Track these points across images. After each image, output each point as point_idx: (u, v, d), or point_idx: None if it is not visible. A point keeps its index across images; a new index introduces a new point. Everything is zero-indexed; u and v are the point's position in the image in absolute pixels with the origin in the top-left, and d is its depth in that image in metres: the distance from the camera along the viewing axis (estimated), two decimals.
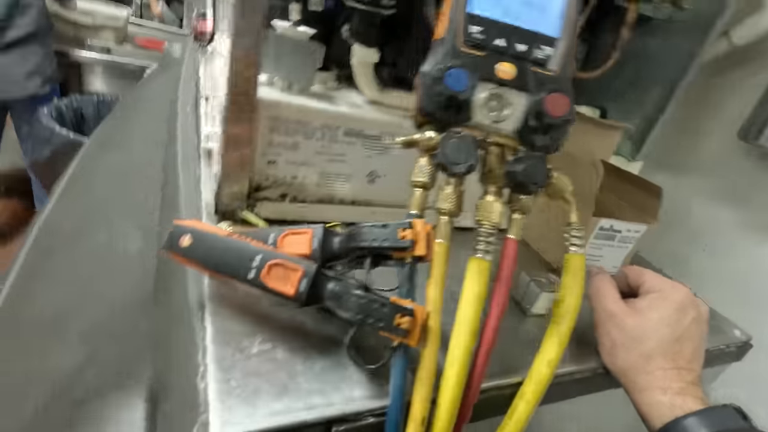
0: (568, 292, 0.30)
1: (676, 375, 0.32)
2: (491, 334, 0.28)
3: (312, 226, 0.29)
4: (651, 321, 0.33)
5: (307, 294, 0.26)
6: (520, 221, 0.29)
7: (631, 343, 0.33)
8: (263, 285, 0.26)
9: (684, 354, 0.32)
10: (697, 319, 0.33)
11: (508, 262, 0.28)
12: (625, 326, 0.33)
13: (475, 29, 0.27)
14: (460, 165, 0.25)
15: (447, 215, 0.28)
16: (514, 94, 0.27)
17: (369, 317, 0.24)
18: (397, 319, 0.24)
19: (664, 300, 0.34)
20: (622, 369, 0.34)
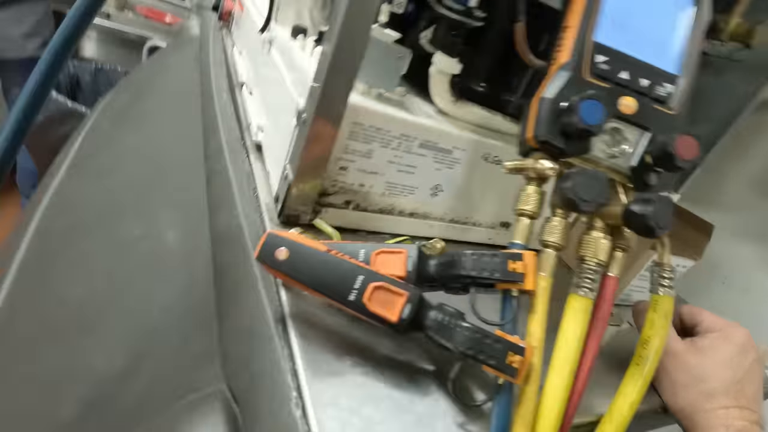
0: (654, 333, 0.30)
1: (738, 413, 0.32)
2: (585, 378, 0.27)
3: (405, 246, 0.27)
4: (713, 361, 0.33)
5: (410, 321, 0.24)
6: (621, 259, 0.28)
7: (693, 381, 0.33)
8: (364, 309, 0.24)
9: (746, 394, 0.33)
10: (757, 360, 0.34)
11: (608, 302, 0.27)
12: (686, 365, 0.34)
13: (602, 59, 0.26)
14: (590, 203, 0.23)
15: (553, 248, 0.27)
16: (634, 131, 0.27)
17: (481, 353, 0.23)
18: (510, 357, 0.23)
19: (726, 340, 0.34)
20: (682, 408, 0.34)
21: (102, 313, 0.39)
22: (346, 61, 0.29)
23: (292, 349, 0.25)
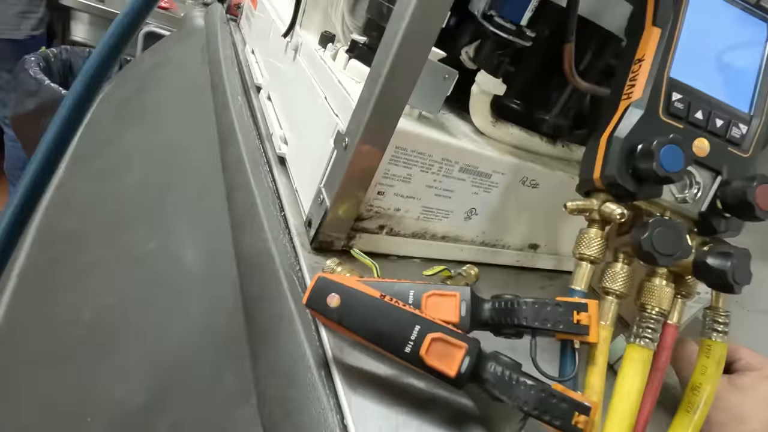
0: (706, 380, 0.29)
1: None
2: (642, 429, 0.26)
3: (458, 289, 0.26)
4: (753, 400, 0.32)
5: (469, 375, 0.23)
6: (682, 306, 0.27)
7: (733, 421, 0.32)
8: (422, 362, 0.22)
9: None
10: None
11: (667, 351, 0.26)
12: (726, 404, 0.33)
13: (678, 97, 0.24)
14: (667, 257, 0.22)
15: (615, 296, 0.25)
16: (706, 174, 0.25)
17: (545, 413, 0.22)
18: (576, 416, 0.22)
19: (767, 379, 0.33)
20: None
21: (116, 335, 0.36)
22: (400, 86, 0.26)
23: (339, 399, 0.23)
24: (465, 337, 0.23)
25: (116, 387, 0.32)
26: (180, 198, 0.47)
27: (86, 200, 0.58)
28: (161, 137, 0.60)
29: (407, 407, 0.24)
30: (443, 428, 0.24)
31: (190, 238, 0.41)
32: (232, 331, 0.31)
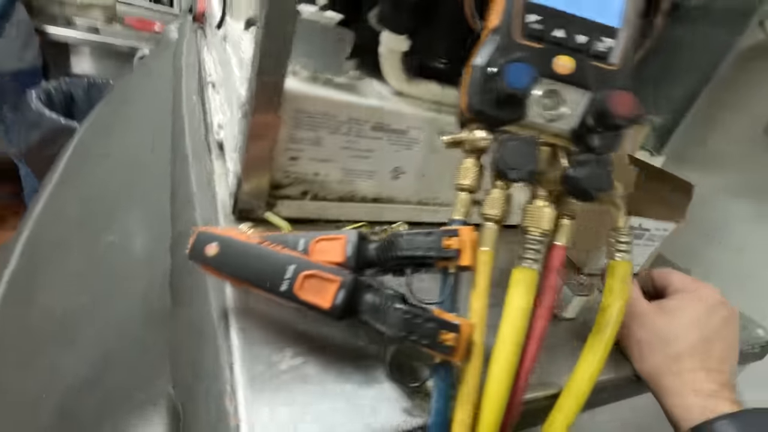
0: (613, 300, 0.29)
1: (705, 376, 0.31)
2: (534, 351, 0.26)
3: (345, 232, 0.27)
4: (680, 321, 0.32)
5: (344, 307, 0.24)
6: (569, 227, 0.27)
7: (659, 343, 0.32)
8: (296, 298, 0.24)
9: (713, 355, 0.31)
10: (727, 318, 0.33)
11: (554, 272, 0.26)
12: (653, 326, 0.33)
13: (534, 18, 0.25)
14: (519, 170, 0.22)
15: (493, 221, 0.26)
16: (573, 91, 0.25)
17: (412, 333, 0.23)
18: (443, 335, 0.23)
19: (694, 300, 0.33)
20: (650, 371, 0.33)
21: (80, 325, 0.39)
22: (274, 46, 0.28)
23: (231, 344, 0.25)
24: (340, 271, 0.24)
25: (71, 368, 0.35)
26: (134, 196, 0.50)
27: (65, 211, 0.62)
28: (126, 145, 0.64)
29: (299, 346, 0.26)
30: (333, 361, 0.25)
31: (139, 229, 0.44)
32: (161, 306, 0.33)
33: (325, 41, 0.33)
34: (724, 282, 0.59)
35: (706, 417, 0.28)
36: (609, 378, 0.33)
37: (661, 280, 0.36)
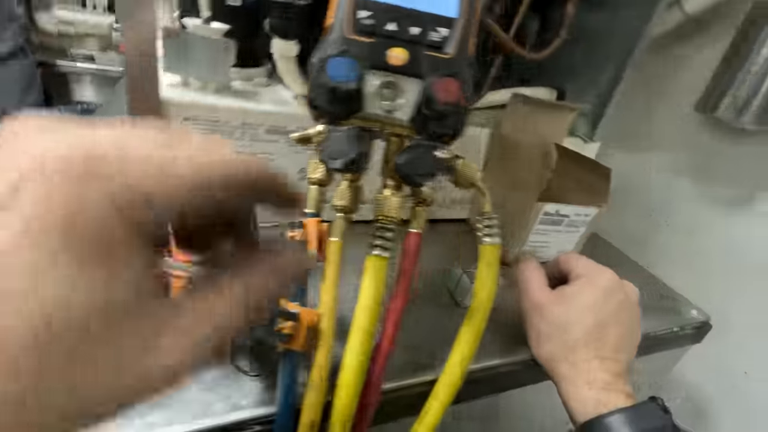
0: (480, 285, 0.29)
1: (599, 365, 0.30)
2: (391, 334, 0.26)
3: None
4: (575, 308, 0.32)
5: None
6: (423, 213, 0.27)
7: (556, 331, 0.32)
8: None
9: (608, 342, 0.31)
10: (623, 303, 0.32)
11: (409, 258, 0.27)
12: (550, 315, 0.32)
13: (364, 14, 0.25)
14: (339, 160, 0.23)
15: (342, 212, 0.26)
16: (408, 81, 0.26)
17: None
18: (280, 323, 0.23)
19: (589, 285, 0.33)
20: (548, 360, 0.32)
21: None
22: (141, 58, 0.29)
23: None
24: (190, 267, 0.25)
25: None
26: None
27: None
28: None
29: None
30: None
31: None
32: None
33: (209, 52, 0.35)
34: (674, 264, 0.59)
35: (599, 412, 0.28)
36: (501, 363, 0.33)
37: (565, 266, 0.36)
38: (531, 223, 0.43)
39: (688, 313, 0.46)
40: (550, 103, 0.52)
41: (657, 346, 0.44)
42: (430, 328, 0.34)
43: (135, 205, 0.10)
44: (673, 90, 0.57)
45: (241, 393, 0.25)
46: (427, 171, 0.24)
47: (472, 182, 0.29)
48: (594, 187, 0.46)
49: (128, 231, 0.10)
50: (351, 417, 0.25)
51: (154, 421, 0.23)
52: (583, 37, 0.54)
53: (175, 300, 0.12)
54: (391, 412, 0.29)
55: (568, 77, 0.56)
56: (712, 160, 0.55)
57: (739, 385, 0.55)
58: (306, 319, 0.24)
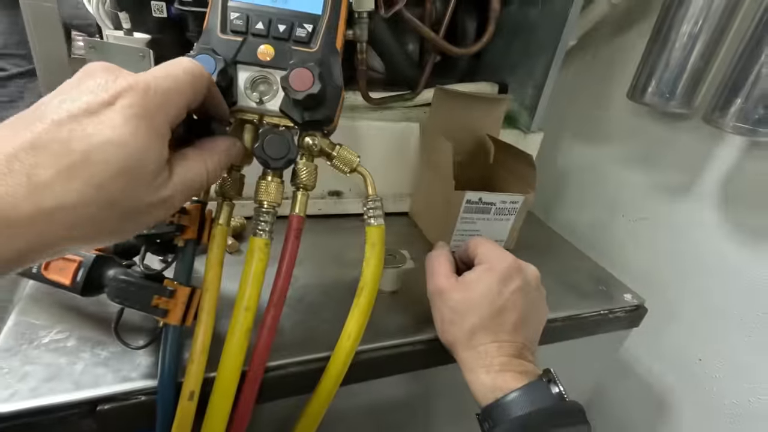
0: (366, 264, 0.30)
1: (496, 349, 0.31)
2: (276, 311, 0.28)
3: None
4: (474, 294, 0.33)
5: (84, 283, 0.27)
6: (302, 198, 0.29)
7: (456, 317, 0.33)
8: (44, 278, 0.27)
9: (505, 325, 0.32)
10: (521, 287, 0.33)
11: (290, 239, 0.29)
12: (451, 302, 0.33)
13: (235, 16, 0.28)
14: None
15: (223, 198, 0.29)
16: (277, 74, 0.28)
17: (127, 300, 0.26)
18: (155, 300, 0.26)
19: (488, 272, 0.33)
20: (451, 345, 0.33)
21: None
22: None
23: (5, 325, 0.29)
24: (83, 253, 0.28)
25: None
26: None
27: None
28: None
29: (71, 320, 0.29)
30: (94, 331, 0.29)
31: None
32: None
33: (130, 59, 0.38)
34: (631, 252, 0.59)
35: (495, 396, 0.29)
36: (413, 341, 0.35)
37: (472, 251, 0.36)
38: (455, 211, 0.44)
39: (621, 297, 0.46)
40: (479, 95, 0.53)
41: (590, 328, 0.44)
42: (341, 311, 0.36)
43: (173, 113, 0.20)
44: (616, 80, 0.58)
45: (131, 366, 0.27)
46: (281, 155, 0.26)
47: (352, 167, 0.30)
48: (525, 175, 0.47)
49: (166, 120, 0.20)
50: (232, 389, 0.27)
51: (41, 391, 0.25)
52: (519, 32, 0.55)
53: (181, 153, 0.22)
54: (288, 388, 0.31)
55: (508, 71, 0.58)
56: (654, 147, 0.55)
57: (695, 372, 0.54)
58: (182, 295, 0.26)
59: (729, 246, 0.49)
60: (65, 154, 0.17)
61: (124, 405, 0.26)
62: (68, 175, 0.17)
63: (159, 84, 0.20)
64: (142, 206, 0.19)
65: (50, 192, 0.16)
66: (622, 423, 0.63)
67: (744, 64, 0.40)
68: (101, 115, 0.18)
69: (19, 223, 0.16)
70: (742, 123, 0.40)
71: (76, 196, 0.17)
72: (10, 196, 0.16)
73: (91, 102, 0.18)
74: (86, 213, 0.17)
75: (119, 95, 0.18)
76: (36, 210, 0.16)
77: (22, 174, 0.16)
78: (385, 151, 0.50)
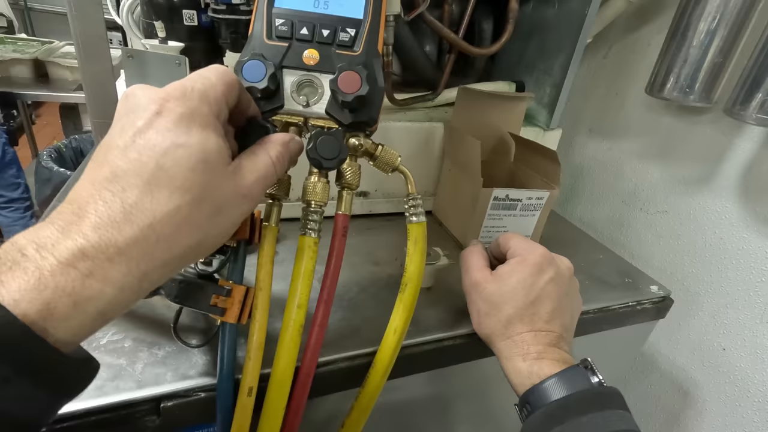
0: (409, 260, 0.31)
1: (532, 338, 0.32)
2: (325, 308, 0.29)
3: None
4: (509, 286, 0.33)
5: None
6: (347, 197, 0.30)
7: (492, 309, 0.34)
8: None
9: (541, 315, 0.32)
10: (555, 278, 0.33)
11: (337, 237, 0.29)
12: (486, 294, 0.34)
13: (280, 22, 0.29)
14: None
15: (273, 199, 0.29)
16: (322, 78, 0.29)
17: (186, 300, 0.26)
18: (213, 299, 0.26)
19: (521, 264, 0.34)
20: (488, 337, 0.34)
21: None
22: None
23: None
24: None
25: None
26: None
27: None
28: None
29: (124, 321, 0.30)
30: (148, 331, 0.29)
31: None
32: None
33: (163, 68, 0.39)
34: (649, 247, 0.59)
35: (533, 382, 0.30)
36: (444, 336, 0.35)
37: (504, 246, 0.37)
38: (482, 208, 0.45)
39: (647, 288, 0.46)
40: (500, 94, 0.54)
41: (619, 319, 0.45)
42: (386, 308, 0.37)
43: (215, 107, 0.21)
44: (632, 75, 0.59)
45: (189, 364, 0.28)
46: (332, 155, 0.27)
47: (394, 166, 0.31)
48: (548, 171, 0.48)
49: (210, 113, 0.21)
50: (287, 384, 0.28)
51: (106, 390, 0.26)
52: (536, 31, 0.56)
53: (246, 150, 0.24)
54: (337, 383, 0.32)
55: (525, 70, 0.59)
56: (671, 141, 0.56)
57: (720, 362, 0.55)
58: (238, 294, 0.27)
59: (750, 236, 0.50)
60: (141, 171, 0.18)
61: (185, 401, 0.27)
62: (150, 188, 0.18)
63: (194, 86, 0.21)
64: (226, 198, 0.21)
65: (141, 209, 0.18)
66: (648, 414, 0.63)
67: (765, 57, 0.40)
68: (156, 125, 0.19)
69: (128, 246, 0.17)
70: (765, 114, 0.41)
71: (165, 204, 0.18)
72: (113, 223, 0.17)
73: (145, 118, 0.19)
74: (180, 217, 0.19)
75: (163, 104, 0.20)
76: (138, 230, 0.18)
77: (115, 202, 0.18)
78: (410, 150, 0.51)
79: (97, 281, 0.16)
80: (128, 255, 0.17)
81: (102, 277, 0.17)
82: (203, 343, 0.28)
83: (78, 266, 0.16)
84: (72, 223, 0.17)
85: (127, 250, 0.17)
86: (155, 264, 0.18)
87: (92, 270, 0.16)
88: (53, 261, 0.16)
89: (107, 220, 0.17)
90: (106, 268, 0.17)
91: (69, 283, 0.16)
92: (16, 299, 0.15)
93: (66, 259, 0.16)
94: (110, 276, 0.17)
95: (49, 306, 0.16)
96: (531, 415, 0.29)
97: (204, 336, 0.29)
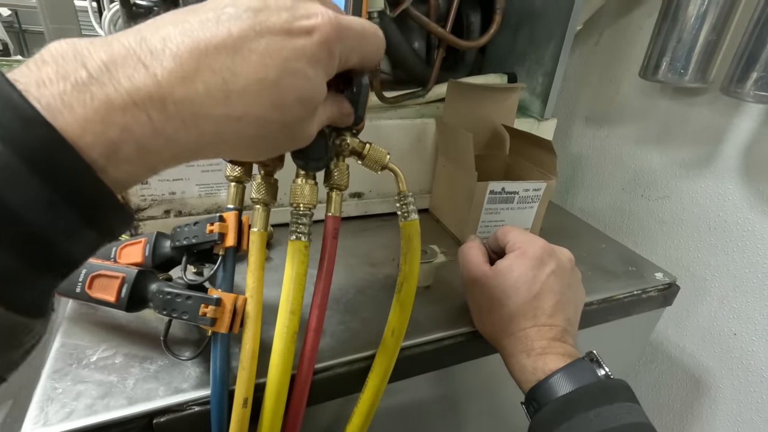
0: (404, 259, 0.30)
1: (536, 333, 0.31)
2: (318, 313, 0.28)
3: (145, 234, 0.31)
4: (509, 281, 0.32)
5: (129, 299, 0.27)
6: (336, 198, 0.29)
7: (494, 306, 0.33)
8: (88, 296, 0.28)
9: (544, 309, 0.31)
10: (556, 271, 0.32)
11: (328, 239, 0.29)
12: (487, 290, 0.33)
13: None
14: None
15: (260, 204, 0.29)
16: None
17: (174, 311, 0.26)
18: (202, 309, 0.26)
19: (521, 258, 0.33)
20: (490, 334, 0.33)
21: None
22: None
23: (51, 348, 0.29)
24: (126, 269, 0.28)
25: None
26: None
27: None
28: None
29: (116, 338, 0.29)
30: (139, 346, 0.29)
31: None
32: None
33: None
34: (652, 231, 0.58)
35: (538, 378, 0.29)
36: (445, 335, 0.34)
37: (502, 240, 0.36)
38: (478, 203, 0.44)
39: (652, 275, 0.45)
40: (491, 86, 0.53)
41: (625, 309, 0.44)
42: (378, 310, 0.36)
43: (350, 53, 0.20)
44: (625, 60, 0.58)
45: (182, 378, 0.27)
46: (318, 156, 0.26)
47: (383, 165, 0.30)
48: (544, 161, 0.47)
49: (339, 65, 0.20)
50: (284, 393, 0.27)
51: (96, 408, 0.25)
52: (524, 21, 0.55)
53: None
54: (336, 389, 0.31)
55: (516, 61, 0.58)
56: (669, 124, 0.55)
57: (731, 346, 0.53)
58: (228, 303, 0.26)
59: (755, 217, 0.49)
60: (260, 68, 0.17)
61: (179, 416, 0.26)
62: (258, 90, 0.17)
63: (353, 29, 0.20)
64: (303, 134, 0.20)
65: (241, 101, 0.17)
66: (661, 403, 0.62)
67: (759, 33, 0.39)
68: (298, 41, 0.18)
69: (211, 121, 0.17)
70: (763, 91, 0.40)
71: (262, 111, 0.18)
72: (208, 96, 0.16)
73: (292, 24, 0.18)
74: (265, 129, 0.18)
75: (317, 28, 0.18)
76: (226, 115, 0.17)
77: (219, 76, 0.16)
78: (403, 148, 0.50)
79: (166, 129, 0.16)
80: (206, 129, 0.17)
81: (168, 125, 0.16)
82: (195, 356, 0.27)
83: (149, 111, 0.15)
84: None
85: (207, 125, 0.17)
86: (217, 142, 0.18)
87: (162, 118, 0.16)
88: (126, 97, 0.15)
89: (204, 90, 0.16)
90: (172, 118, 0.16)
91: (138, 127, 0.15)
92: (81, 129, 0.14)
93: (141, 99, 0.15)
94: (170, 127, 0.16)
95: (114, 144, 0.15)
96: (538, 413, 0.28)
97: (197, 348, 0.28)
